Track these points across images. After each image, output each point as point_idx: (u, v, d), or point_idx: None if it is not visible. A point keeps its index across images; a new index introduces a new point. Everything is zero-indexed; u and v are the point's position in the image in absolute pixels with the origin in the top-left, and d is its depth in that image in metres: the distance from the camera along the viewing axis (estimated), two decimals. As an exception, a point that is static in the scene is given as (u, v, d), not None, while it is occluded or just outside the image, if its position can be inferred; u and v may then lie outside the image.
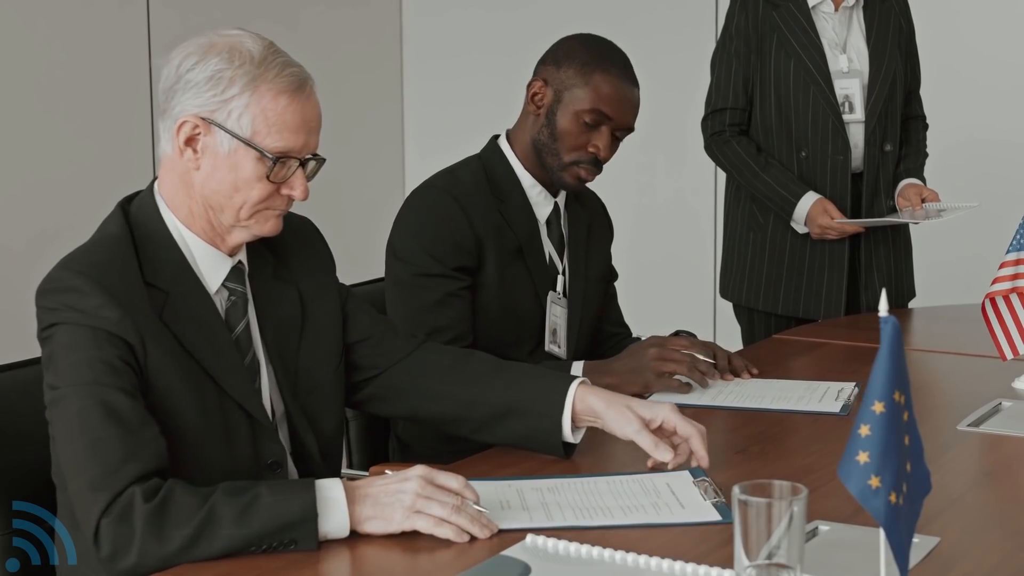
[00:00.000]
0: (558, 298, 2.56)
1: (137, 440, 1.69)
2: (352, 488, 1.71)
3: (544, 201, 2.57)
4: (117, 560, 1.65)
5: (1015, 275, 2.48)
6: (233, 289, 1.89)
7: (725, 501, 1.81)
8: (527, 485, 1.92)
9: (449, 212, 2.45)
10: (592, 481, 1.94)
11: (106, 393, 1.70)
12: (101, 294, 1.73)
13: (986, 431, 2.22)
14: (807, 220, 3.27)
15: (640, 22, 5.24)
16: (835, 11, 3.34)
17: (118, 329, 1.73)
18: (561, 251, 2.59)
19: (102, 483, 1.67)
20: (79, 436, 1.70)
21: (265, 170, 1.80)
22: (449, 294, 2.43)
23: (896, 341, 1.31)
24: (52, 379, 1.75)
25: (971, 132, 4.64)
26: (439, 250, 2.43)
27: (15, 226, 4.28)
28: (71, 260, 1.81)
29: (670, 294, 5.14)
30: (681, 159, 5.10)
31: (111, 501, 1.66)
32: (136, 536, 1.64)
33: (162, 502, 1.65)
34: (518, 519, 1.76)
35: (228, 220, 1.84)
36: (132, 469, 1.67)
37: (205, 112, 1.79)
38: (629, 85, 2.48)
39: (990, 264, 2.77)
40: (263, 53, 1.80)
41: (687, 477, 1.93)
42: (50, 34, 4.42)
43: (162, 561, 1.64)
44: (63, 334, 1.74)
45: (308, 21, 5.25)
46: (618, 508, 1.81)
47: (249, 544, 1.65)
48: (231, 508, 1.65)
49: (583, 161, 2.48)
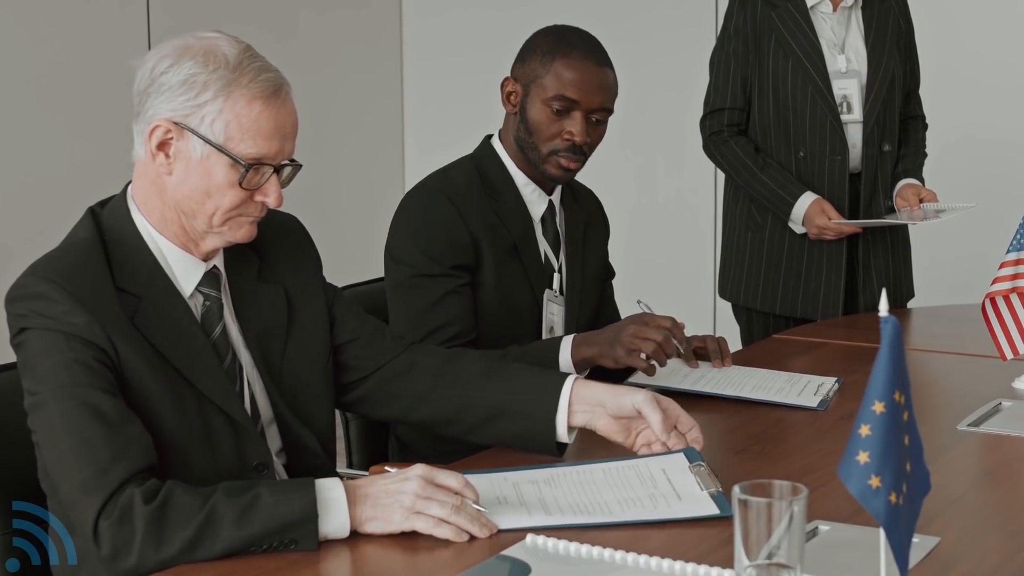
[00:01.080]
0: (555, 296, 2.56)
1: (124, 437, 1.69)
2: (352, 488, 1.71)
3: (538, 199, 2.56)
4: (118, 560, 1.65)
5: (1015, 275, 2.49)
6: (207, 294, 1.87)
7: (722, 490, 1.81)
8: (523, 477, 1.91)
9: (444, 212, 2.45)
10: (588, 470, 1.94)
11: (87, 394, 1.69)
12: (67, 300, 1.72)
13: (986, 431, 2.22)
14: (804, 220, 3.27)
15: (640, 22, 5.24)
16: (833, 11, 3.34)
17: (87, 334, 1.72)
18: (557, 249, 2.59)
19: (95, 484, 1.66)
20: (65, 439, 1.69)
21: (238, 177, 1.78)
22: (448, 292, 2.43)
23: (896, 341, 1.31)
24: (30, 385, 1.74)
25: (971, 131, 4.65)
26: (435, 250, 2.43)
27: (14, 225, 4.28)
28: (38, 266, 1.79)
29: (670, 294, 5.14)
30: (681, 159, 5.10)
31: (106, 501, 1.65)
32: (137, 537, 1.63)
33: (162, 503, 1.65)
34: (517, 518, 1.75)
35: (201, 226, 1.83)
36: (123, 468, 1.67)
37: (178, 116, 1.77)
38: (592, 65, 2.45)
39: (990, 264, 2.77)
40: (239, 58, 1.78)
41: (683, 461, 1.92)
42: (50, 35, 4.42)
43: (162, 564, 1.64)
44: (35, 340, 1.73)
45: (308, 22, 5.25)
46: (616, 502, 1.81)
47: (249, 545, 1.65)
48: (231, 509, 1.65)
49: (561, 150, 2.46)
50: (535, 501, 1.82)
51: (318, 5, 5.34)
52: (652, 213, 5.25)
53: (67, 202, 4.48)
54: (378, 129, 5.63)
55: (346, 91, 5.37)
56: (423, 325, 2.41)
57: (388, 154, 5.67)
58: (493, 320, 2.48)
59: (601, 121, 2.49)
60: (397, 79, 5.72)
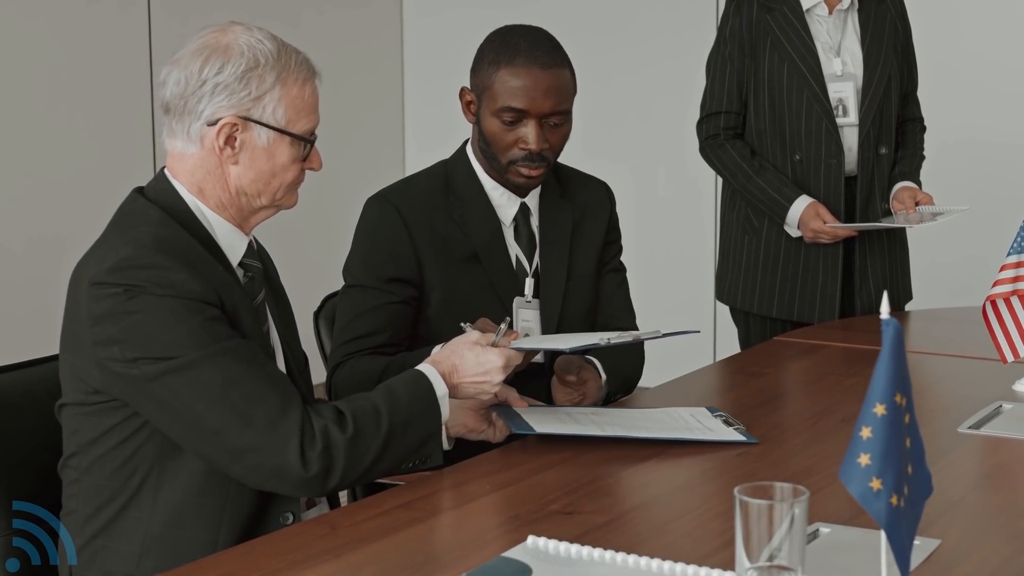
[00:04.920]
0: (526, 302, 2.50)
1: (278, 374, 1.85)
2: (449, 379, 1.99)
3: (508, 203, 2.51)
4: (328, 479, 1.81)
5: (1015, 278, 2.49)
6: (249, 265, 1.97)
7: (746, 429, 2.17)
8: (574, 410, 2.27)
9: (390, 224, 2.42)
10: (627, 412, 2.31)
11: (234, 346, 1.81)
12: (182, 268, 1.80)
13: (987, 433, 2.22)
14: (799, 224, 3.27)
15: (641, 24, 5.25)
16: (829, 14, 3.34)
17: (208, 298, 1.81)
18: (532, 252, 2.55)
19: (280, 421, 1.78)
20: (231, 390, 1.77)
21: (299, 153, 1.93)
22: (375, 307, 2.41)
23: (897, 343, 1.31)
24: (151, 350, 1.77)
25: (970, 133, 4.65)
26: (374, 262, 2.43)
27: (16, 228, 4.28)
28: (135, 239, 1.83)
29: (670, 296, 5.15)
30: (681, 161, 5.10)
31: (301, 435, 1.78)
32: (341, 461, 1.81)
33: (354, 431, 1.82)
34: (571, 428, 2.11)
35: (264, 202, 1.94)
36: (295, 403, 1.80)
37: (242, 111, 1.88)
38: (537, 70, 2.37)
39: (989, 266, 2.77)
40: (276, 48, 1.91)
41: (706, 412, 2.27)
42: (51, 37, 4.43)
43: (361, 476, 1.85)
44: (155, 306, 1.78)
45: (309, 21, 5.26)
46: (657, 428, 2.16)
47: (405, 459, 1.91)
48: (399, 432, 1.87)
49: (518, 159, 2.42)
50: (588, 422, 2.16)
51: (318, 5, 5.34)
52: (653, 215, 5.25)
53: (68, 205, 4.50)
54: (379, 129, 5.64)
55: (347, 91, 5.38)
56: (353, 331, 2.41)
57: (389, 154, 5.68)
58: (451, 331, 2.40)
59: (559, 124, 2.42)
60: (398, 79, 5.73)
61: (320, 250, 4.37)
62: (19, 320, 4.22)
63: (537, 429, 2.10)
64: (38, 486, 1.90)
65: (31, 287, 4.24)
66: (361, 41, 5.55)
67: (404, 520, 1.80)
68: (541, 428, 2.11)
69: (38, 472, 1.91)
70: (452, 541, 1.78)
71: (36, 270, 4.26)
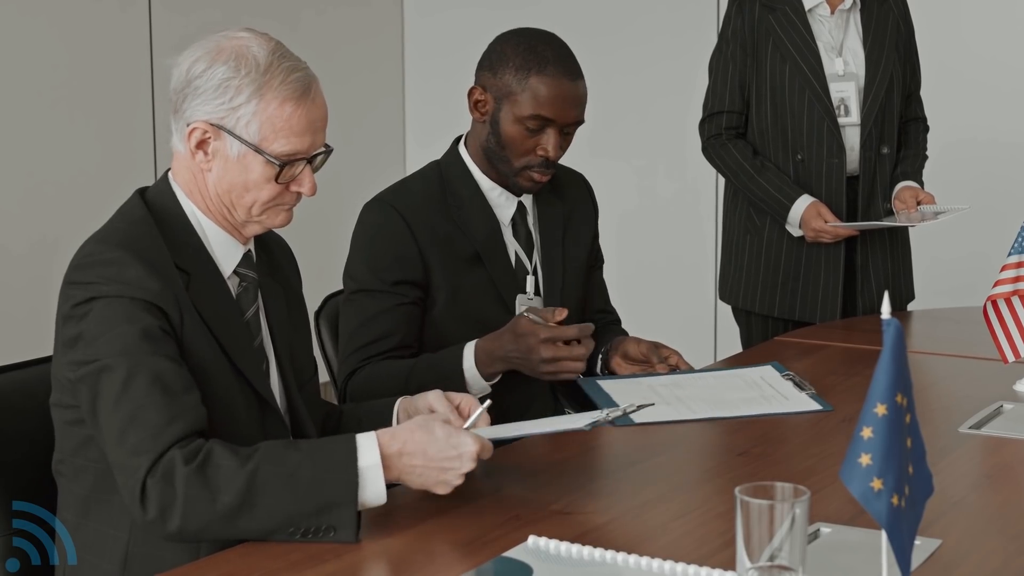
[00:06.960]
0: (528, 300, 2.51)
1: (180, 405, 1.73)
2: (390, 457, 1.75)
3: (506, 202, 2.52)
4: (166, 521, 1.68)
5: (1016, 278, 2.49)
6: (244, 275, 1.93)
7: (815, 391, 2.35)
8: (655, 382, 2.37)
9: (392, 227, 2.42)
10: (701, 377, 2.43)
11: (152, 362, 1.74)
12: (141, 265, 1.77)
13: (987, 433, 2.22)
14: (801, 223, 3.27)
15: (642, 24, 5.24)
16: (831, 14, 3.34)
17: (159, 300, 1.77)
18: (531, 250, 2.55)
19: (145, 447, 1.70)
20: (124, 404, 1.72)
21: (273, 173, 1.85)
22: (385, 310, 2.40)
23: (898, 343, 1.31)
24: (89, 353, 1.76)
25: (973, 133, 4.64)
26: (380, 265, 2.42)
27: (16, 229, 4.28)
28: (105, 235, 1.83)
29: (671, 296, 5.14)
30: (682, 161, 5.10)
31: (154, 462, 1.69)
32: (179, 499, 1.67)
33: (201, 463, 1.68)
34: (665, 414, 2.15)
35: (241, 216, 1.89)
36: (172, 432, 1.70)
37: (215, 119, 1.83)
38: (568, 81, 2.40)
39: (991, 266, 2.76)
40: (268, 59, 1.84)
41: (774, 372, 2.46)
42: (52, 36, 4.42)
43: (205, 527, 1.68)
44: (102, 308, 1.76)
45: (310, 21, 5.25)
46: (740, 401, 2.28)
47: (288, 525, 1.69)
48: (273, 479, 1.68)
49: (534, 165, 2.43)
50: (672, 399, 2.22)
51: (318, 5, 5.34)
52: (653, 216, 5.24)
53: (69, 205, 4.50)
54: (379, 128, 5.63)
55: (347, 90, 5.37)
56: (362, 338, 2.40)
57: (389, 153, 5.67)
58: (456, 332, 2.42)
59: (571, 132, 2.46)
60: (399, 78, 5.72)
61: (320, 250, 4.36)
62: (19, 320, 4.22)
63: (621, 404, 2.02)
64: (38, 486, 1.90)
65: (31, 287, 4.23)
66: (361, 41, 5.55)
67: (404, 520, 1.80)
68: (630, 408, 1.92)
69: (38, 472, 1.91)
70: (452, 541, 1.77)
71: (36, 270, 4.25)
